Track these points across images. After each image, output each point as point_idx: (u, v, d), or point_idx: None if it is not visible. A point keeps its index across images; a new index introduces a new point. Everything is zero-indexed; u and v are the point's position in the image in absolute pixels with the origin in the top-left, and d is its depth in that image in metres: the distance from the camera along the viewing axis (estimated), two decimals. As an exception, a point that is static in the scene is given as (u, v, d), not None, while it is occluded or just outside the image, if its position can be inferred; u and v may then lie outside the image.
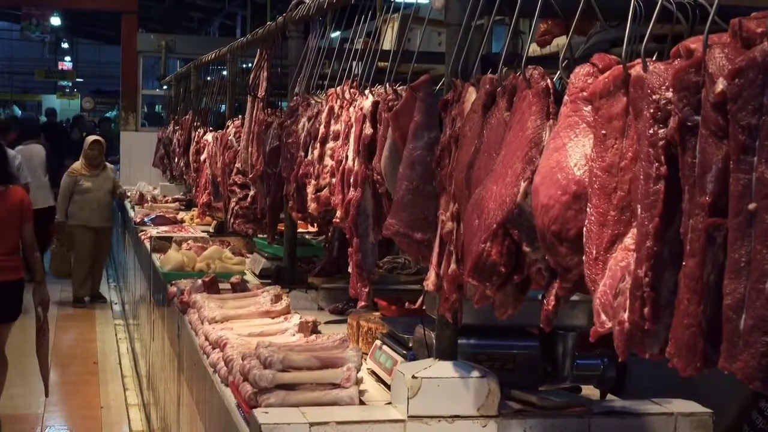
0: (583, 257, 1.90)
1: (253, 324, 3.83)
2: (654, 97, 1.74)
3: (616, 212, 1.85)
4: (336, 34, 4.90)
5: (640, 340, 1.75)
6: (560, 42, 3.90)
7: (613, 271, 1.84)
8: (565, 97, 2.08)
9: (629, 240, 1.82)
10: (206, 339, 3.69)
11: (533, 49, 3.85)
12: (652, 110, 1.74)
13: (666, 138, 1.70)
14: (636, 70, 1.84)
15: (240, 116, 6.18)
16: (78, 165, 10.98)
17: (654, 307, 1.71)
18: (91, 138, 11.30)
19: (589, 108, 2.00)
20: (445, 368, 2.74)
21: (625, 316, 1.76)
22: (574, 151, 1.98)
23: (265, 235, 5.20)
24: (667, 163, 1.70)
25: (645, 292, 1.71)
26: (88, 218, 10.87)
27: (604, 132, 1.91)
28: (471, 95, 2.55)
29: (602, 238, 1.86)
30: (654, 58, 1.86)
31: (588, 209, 1.89)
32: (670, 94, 1.71)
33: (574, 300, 2.93)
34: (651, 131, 1.73)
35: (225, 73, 8.35)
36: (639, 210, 1.75)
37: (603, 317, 1.85)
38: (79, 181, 10.83)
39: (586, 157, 1.95)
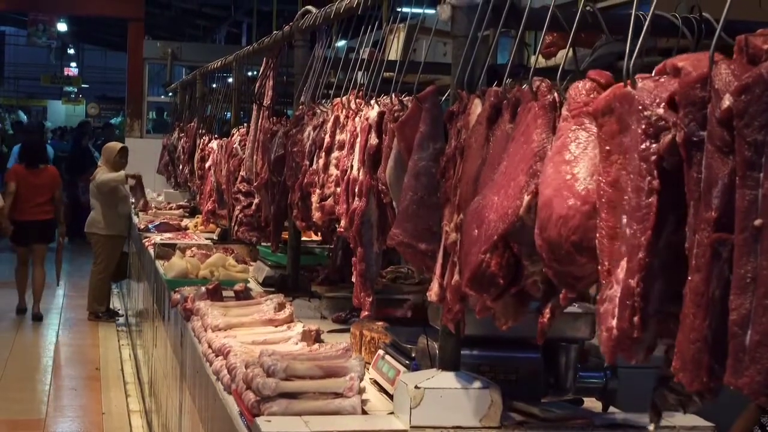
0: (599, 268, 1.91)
1: (256, 332, 3.83)
2: (646, 113, 1.76)
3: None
4: (342, 44, 4.91)
5: (628, 347, 1.78)
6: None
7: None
8: (565, 111, 2.09)
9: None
10: (209, 346, 3.69)
11: (539, 61, 3.85)
12: (643, 126, 1.76)
13: (658, 153, 1.72)
14: (621, 86, 1.86)
15: (245, 124, 6.18)
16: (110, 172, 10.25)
17: (643, 316, 1.74)
18: (119, 145, 10.68)
19: (592, 122, 2.01)
20: (447, 379, 2.74)
21: (614, 323, 1.78)
22: (586, 163, 1.99)
23: (268, 244, 5.20)
24: (659, 177, 1.72)
25: (636, 301, 1.73)
26: (125, 228, 10.36)
27: (608, 148, 1.92)
28: (476, 107, 2.55)
29: (613, 251, 1.87)
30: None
31: (598, 223, 1.90)
32: (661, 111, 1.74)
33: (576, 312, 2.94)
34: (643, 146, 1.75)
35: (230, 81, 8.37)
36: (626, 221, 1.77)
37: None
38: (123, 189, 10.27)
39: (597, 169, 1.96)
